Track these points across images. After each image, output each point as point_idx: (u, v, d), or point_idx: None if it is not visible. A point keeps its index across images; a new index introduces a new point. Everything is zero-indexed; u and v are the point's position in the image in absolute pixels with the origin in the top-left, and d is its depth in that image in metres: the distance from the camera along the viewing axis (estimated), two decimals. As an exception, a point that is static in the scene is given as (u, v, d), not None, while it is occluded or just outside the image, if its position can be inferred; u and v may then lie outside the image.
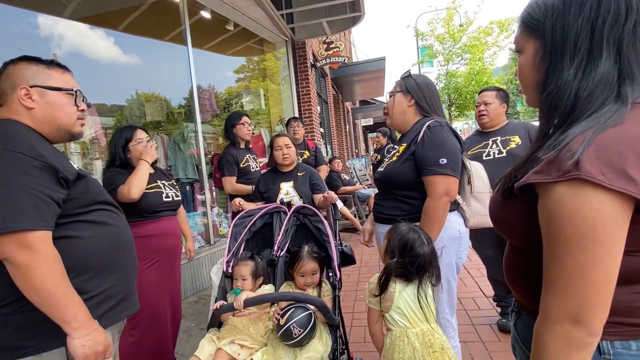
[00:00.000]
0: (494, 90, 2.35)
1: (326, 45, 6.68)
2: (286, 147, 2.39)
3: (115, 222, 1.20)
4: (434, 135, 1.47)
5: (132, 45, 4.81)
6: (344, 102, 12.65)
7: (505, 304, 2.39)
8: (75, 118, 1.18)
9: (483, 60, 13.02)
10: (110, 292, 1.12)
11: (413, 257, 1.33)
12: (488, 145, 2.29)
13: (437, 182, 1.43)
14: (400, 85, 1.65)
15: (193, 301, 3.48)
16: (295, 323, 1.42)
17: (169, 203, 2.10)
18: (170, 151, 4.61)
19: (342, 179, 6.27)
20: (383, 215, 1.62)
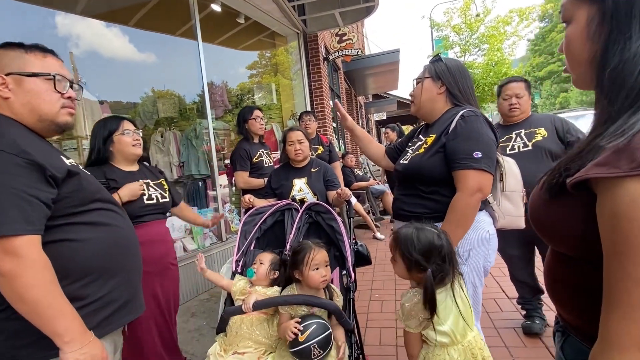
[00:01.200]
0: (523, 82, 2.19)
1: (339, 38, 6.53)
2: (298, 142, 2.28)
3: (116, 221, 1.12)
4: (468, 126, 1.33)
5: (143, 42, 4.80)
6: (357, 96, 12.46)
7: (530, 306, 2.26)
8: (58, 106, 1.07)
9: (502, 51, 12.52)
10: (111, 297, 1.04)
11: (440, 252, 1.18)
12: (512, 138, 2.14)
13: (470, 177, 1.29)
14: (430, 70, 1.50)
15: (205, 299, 3.44)
16: (317, 343, 1.31)
17: (153, 206, 1.87)
18: (182, 147, 4.59)
19: (356, 175, 6.15)
20: (405, 212, 1.48)
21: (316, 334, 1.33)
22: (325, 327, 1.38)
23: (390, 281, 3.40)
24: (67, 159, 1.07)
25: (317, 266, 1.44)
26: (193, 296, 3.47)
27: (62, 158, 1.03)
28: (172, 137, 4.61)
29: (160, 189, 1.95)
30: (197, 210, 4.18)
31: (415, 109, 1.57)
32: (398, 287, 3.25)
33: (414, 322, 1.20)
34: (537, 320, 2.21)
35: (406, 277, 1.26)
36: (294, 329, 1.34)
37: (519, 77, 2.24)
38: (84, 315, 0.97)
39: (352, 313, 1.58)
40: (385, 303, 2.92)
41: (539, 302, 2.29)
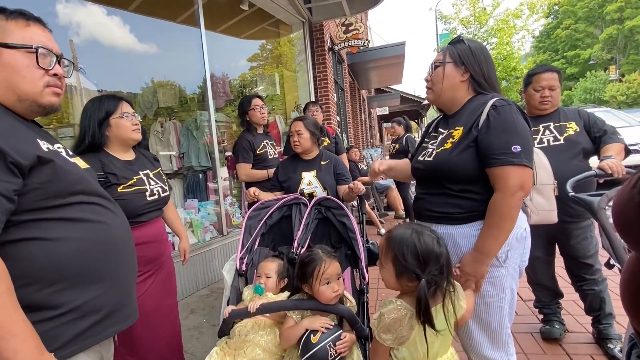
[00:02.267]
0: (557, 73, 2.01)
1: (345, 28, 6.34)
2: (297, 134, 2.14)
3: (103, 217, 0.96)
4: (502, 117, 1.17)
5: (144, 29, 4.63)
6: (360, 89, 12.27)
7: (549, 310, 2.14)
8: (42, 85, 0.92)
9: (511, 45, 12.23)
10: (92, 305, 0.89)
11: (438, 261, 1.05)
12: (539, 131, 1.99)
13: (510, 174, 1.14)
14: (452, 54, 1.33)
15: (205, 294, 3.32)
16: (332, 342, 1.21)
17: (154, 203, 1.67)
18: (183, 138, 4.47)
19: (360, 169, 6.01)
20: (432, 213, 1.33)
21: (329, 333, 1.24)
22: (336, 327, 1.29)
23: (397, 280, 3.28)
24: (49, 144, 0.92)
25: (328, 280, 1.30)
26: (192, 292, 3.35)
27: (39, 142, 0.88)
28: (172, 128, 4.48)
29: (160, 181, 1.76)
30: (197, 204, 4.06)
31: (434, 97, 1.39)
32: (405, 286, 3.13)
33: (391, 337, 1.06)
34: (556, 324, 2.09)
35: (393, 285, 1.12)
36: (326, 324, 1.25)
37: (553, 66, 2.06)
38: (56, 327, 0.83)
39: (366, 318, 1.45)
40: (393, 303, 2.80)
41: (558, 306, 2.17)
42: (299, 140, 2.13)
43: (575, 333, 2.14)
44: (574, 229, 1.92)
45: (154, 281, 1.74)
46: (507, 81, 12.39)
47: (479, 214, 1.21)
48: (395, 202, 5.71)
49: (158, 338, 1.78)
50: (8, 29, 0.89)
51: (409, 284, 1.07)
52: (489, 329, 1.26)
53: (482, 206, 1.20)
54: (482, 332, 1.27)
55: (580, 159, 1.90)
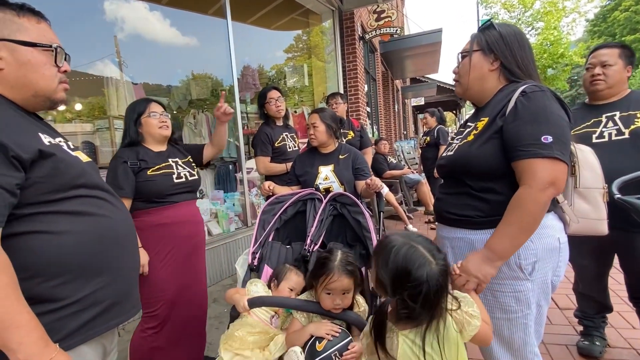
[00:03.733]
0: (617, 48, 1.70)
1: (376, 15, 6.12)
2: (313, 127, 2.07)
3: (105, 210, 0.97)
4: (532, 104, 1.03)
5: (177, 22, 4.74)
6: (394, 79, 11.89)
7: (591, 323, 1.92)
8: (56, 82, 0.95)
9: (559, 29, 11.17)
10: (95, 297, 0.90)
11: (414, 288, 0.87)
12: (601, 122, 1.69)
13: (539, 167, 0.99)
14: (479, 42, 1.19)
15: (228, 284, 3.38)
16: (339, 352, 1.15)
17: (183, 184, 1.83)
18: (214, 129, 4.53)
19: (389, 162, 5.84)
20: (451, 215, 1.20)
21: (336, 341, 1.17)
22: (344, 334, 1.21)
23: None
24: (51, 138, 0.92)
25: (330, 291, 1.24)
26: (216, 281, 3.42)
27: (41, 136, 0.88)
28: (204, 120, 4.57)
29: (188, 167, 1.91)
30: (224, 194, 4.13)
31: (462, 90, 1.27)
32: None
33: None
34: (597, 341, 1.88)
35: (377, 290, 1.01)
36: (332, 331, 1.18)
37: (616, 42, 1.77)
38: (60, 319, 0.84)
39: (377, 322, 1.37)
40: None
41: (602, 320, 1.95)
42: (314, 133, 2.07)
43: (618, 349, 1.92)
44: (638, 241, 1.62)
45: (189, 260, 1.86)
46: (554, 69, 11.42)
47: (498, 220, 1.07)
48: (426, 197, 5.50)
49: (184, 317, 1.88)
50: (23, 26, 0.90)
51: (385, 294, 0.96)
52: (512, 347, 1.13)
53: (502, 210, 1.06)
54: (504, 349, 1.14)
55: None
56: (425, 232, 4.74)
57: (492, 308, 1.12)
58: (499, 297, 1.11)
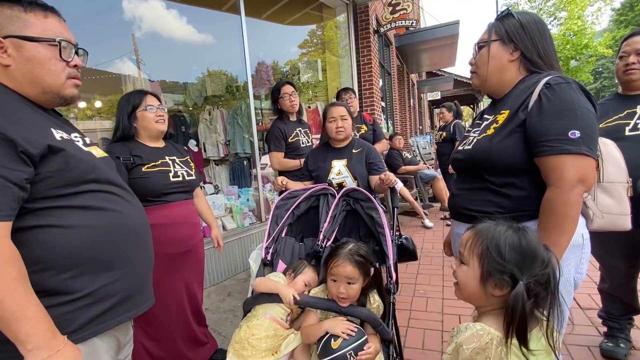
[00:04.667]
0: None
1: (391, 8, 6.01)
2: (341, 119, 2.03)
3: (116, 205, 0.98)
4: (557, 97, 0.99)
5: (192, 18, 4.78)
6: (409, 74, 11.70)
7: (616, 325, 1.84)
8: (64, 77, 0.95)
9: (583, 19, 10.68)
10: (106, 291, 0.91)
11: (544, 267, 0.78)
12: (635, 114, 1.59)
13: (567, 164, 0.95)
14: (498, 31, 1.15)
15: (242, 279, 3.41)
16: (353, 351, 1.14)
17: (179, 184, 1.77)
18: (229, 125, 4.59)
19: (404, 158, 5.75)
20: (468, 212, 1.17)
21: (351, 340, 1.16)
22: (360, 333, 1.20)
23: (437, 276, 3.10)
24: (66, 133, 0.94)
25: (335, 277, 1.25)
26: (231, 275, 3.46)
27: (53, 131, 0.89)
28: (219, 116, 4.61)
29: (186, 167, 1.85)
30: (238, 190, 4.16)
31: (480, 81, 1.22)
32: (446, 283, 2.94)
33: None
34: (621, 343, 1.80)
35: (472, 290, 0.87)
36: (348, 330, 1.18)
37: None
38: (71, 312, 0.85)
39: (391, 320, 1.35)
40: (431, 301, 2.65)
41: (629, 322, 1.86)
42: (343, 125, 2.04)
43: (645, 352, 1.85)
44: None
45: (180, 265, 1.79)
46: (578, 60, 10.96)
47: (521, 215, 1.04)
48: (442, 193, 5.40)
49: (178, 322, 1.83)
50: (28, 21, 0.91)
51: (495, 293, 0.82)
52: None
53: (525, 205, 1.04)
54: None
55: None
56: (441, 229, 4.66)
57: None
58: None
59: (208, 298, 2.95)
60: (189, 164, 1.89)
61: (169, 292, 1.79)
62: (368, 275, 1.30)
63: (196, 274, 1.95)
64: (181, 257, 1.80)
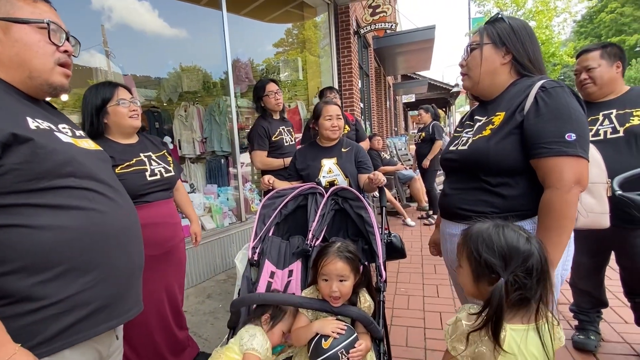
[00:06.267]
0: (597, 50, 1.72)
1: (371, 10, 6.08)
2: (337, 118, 2.04)
3: (98, 204, 0.89)
4: (553, 101, 1.02)
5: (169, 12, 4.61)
6: (386, 76, 11.90)
7: (586, 318, 1.95)
8: (53, 62, 0.89)
9: (551, 29, 11.33)
10: (80, 299, 0.82)
11: (526, 261, 0.84)
12: (597, 120, 1.70)
13: (564, 166, 0.99)
14: (491, 34, 1.17)
15: (222, 280, 3.34)
16: (345, 349, 1.13)
17: (157, 183, 1.66)
18: (206, 123, 4.47)
19: (382, 158, 5.84)
20: (462, 211, 1.18)
21: (342, 338, 1.16)
22: (350, 331, 1.20)
23: (417, 274, 3.17)
24: (50, 123, 0.87)
25: (327, 277, 1.23)
26: (210, 276, 3.38)
27: (28, 120, 0.82)
28: (195, 112, 4.49)
29: (163, 162, 1.74)
30: (217, 189, 4.07)
31: (471, 83, 1.24)
32: (426, 281, 3.01)
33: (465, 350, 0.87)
34: (592, 335, 1.91)
35: (471, 290, 0.93)
36: (337, 329, 1.17)
37: (597, 44, 1.77)
38: (39, 321, 0.77)
39: (382, 318, 1.36)
40: (413, 298, 2.70)
41: (597, 315, 1.98)
42: (338, 124, 2.05)
43: (612, 343, 1.96)
44: (633, 237, 1.64)
45: (161, 267, 1.70)
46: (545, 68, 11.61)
47: (515, 215, 1.07)
48: (419, 193, 5.53)
49: (159, 327, 1.75)
50: (16, 4, 0.86)
51: (488, 288, 0.87)
52: None
53: (519, 205, 1.07)
54: None
55: None
56: (419, 228, 4.77)
57: None
58: None
59: (187, 300, 2.86)
60: (166, 158, 1.78)
61: (149, 296, 1.70)
62: (358, 272, 1.31)
63: (177, 276, 1.88)
64: (161, 258, 1.72)
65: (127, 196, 1.05)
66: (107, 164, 1.05)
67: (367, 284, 1.38)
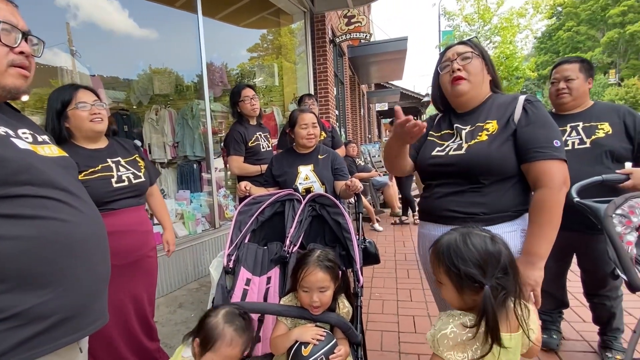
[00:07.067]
0: (576, 62, 1.81)
1: (347, 20, 6.21)
2: (312, 126, 2.05)
3: (59, 213, 0.84)
4: (539, 112, 1.17)
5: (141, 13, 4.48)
6: (360, 84, 12.13)
7: (549, 318, 2.06)
8: (5, 64, 0.84)
9: (514, 44, 12.10)
10: (39, 310, 0.78)
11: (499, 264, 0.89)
12: (566, 132, 1.80)
13: (555, 168, 1.11)
14: (481, 50, 1.30)
15: (194, 288, 3.25)
16: (324, 356, 1.14)
17: (124, 190, 1.59)
18: (178, 127, 4.36)
19: (357, 165, 5.93)
20: (453, 213, 1.23)
21: (322, 345, 1.16)
22: (330, 337, 1.21)
23: (391, 279, 3.23)
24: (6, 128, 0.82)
25: (307, 288, 1.22)
26: (182, 285, 3.27)
27: None
28: (167, 116, 4.36)
29: (133, 168, 1.66)
30: (190, 194, 3.97)
31: (470, 87, 1.26)
32: (399, 285, 3.07)
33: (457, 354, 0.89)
34: (554, 334, 2.02)
35: (458, 303, 0.95)
36: (317, 335, 1.16)
37: (576, 57, 1.88)
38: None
39: (359, 323, 1.38)
40: (386, 303, 2.74)
41: (559, 315, 2.09)
42: (315, 132, 2.05)
43: (572, 341, 2.09)
44: (595, 242, 1.72)
45: (126, 277, 1.61)
46: (509, 81, 12.29)
47: (502, 217, 1.17)
48: (392, 199, 5.65)
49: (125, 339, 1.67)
50: None
51: (475, 298, 0.90)
52: None
53: (507, 206, 1.18)
54: None
55: (608, 164, 1.69)
56: (392, 233, 4.87)
57: None
58: None
59: (157, 310, 2.75)
60: (136, 163, 1.70)
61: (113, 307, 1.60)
62: (338, 279, 1.31)
63: (146, 286, 1.78)
64: (128, 268, 1.63)
65: (93, 204, 1.00)
66: (71, 170, 0.99)
67: (346, 289, 1.39)
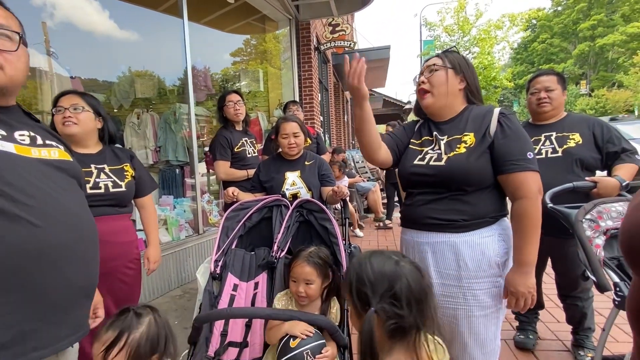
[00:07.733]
0: (553, 75, 1.92)
1: (331, 28, 6.31)
2: (294, 136, 2.06)
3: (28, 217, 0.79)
4: (514, 125, 1.22)
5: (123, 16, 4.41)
6: (344, 91, 12.28)
7: (525, 319, 2.15)
8: None
9: (492, 55, 12.61)
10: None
11: (392, 290, 0.81)
12: (540, 141, 1.89)
13: (530, 179, 1.17)
14: (452, 61, 1.31)
15: (177, 295, 3.20)
16: (310, 350, 1.18)
17: (97, 197, 1.52)
18: (160, 131, 4.29)
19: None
20: (434, 221, 1.27)
21: (309, 340, 1.22)
22: (318, 336, 1.26)
23: (375, 283, 3.27)
24: None
25: (295, 279, 1.38)
26: (164, 292, 3.22)
27: None
28: (149, 120, 4.30)
29: (115, 176, 1.62)
30: (173, 200, 3.91)
31: (433, 100, 1.32)
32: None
33: None
34: (530, 334, 2.10)
35: (360, 328, 0.85)
36: (306, 331, 1.23)
37: (552, 70, 2.00)
38: None
39: (346, 326, 1.41)
40: (371, 307, 2.78)
41: (535, 316, 2.18)
42: (296, 142, 2.06)
43: (547, 341, 2.18)
44: (568, 246, 1.81)
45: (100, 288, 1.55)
46: (487, 90, 12.74)
47: (481, 222, 1.22)
48: (376, 205, 5.73)
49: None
50: None
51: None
52: (485, 343, 1.24)
53: (486, 212, 1.23)
54: (476, 345, 1.24)
55: (579, 172, 1.79)
56: (376, 238, 4.93)
57: (472, 307, 1.22)
58: (478, 296, 1.22)
59: (139, 318, 2.70)
60: (122, 172, 1.66)
61: None
62: (327, 277, 1.42)
63: (125, 299, 1.66)
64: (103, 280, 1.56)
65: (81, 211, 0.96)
66: (67, 173, 0.96)
67: (337, 291, 1.44)
